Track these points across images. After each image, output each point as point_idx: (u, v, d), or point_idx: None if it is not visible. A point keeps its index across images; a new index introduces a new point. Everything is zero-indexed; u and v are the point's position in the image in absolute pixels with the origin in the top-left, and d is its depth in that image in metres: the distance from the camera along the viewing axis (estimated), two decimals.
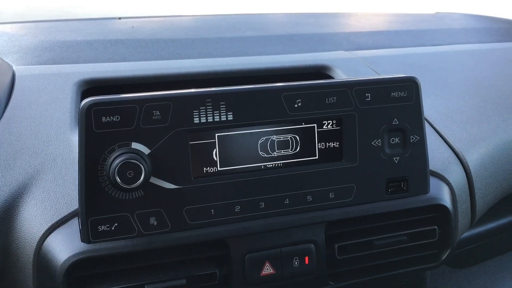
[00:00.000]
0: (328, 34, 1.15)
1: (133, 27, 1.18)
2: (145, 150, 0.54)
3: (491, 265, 0.92)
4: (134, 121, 0.54)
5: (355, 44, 1.08)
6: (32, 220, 0.57)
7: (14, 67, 0.81)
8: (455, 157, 0.74)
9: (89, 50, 0.93)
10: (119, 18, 1.37)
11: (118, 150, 0.53)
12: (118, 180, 0.52)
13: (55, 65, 0.84)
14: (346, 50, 1.03)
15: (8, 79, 0.76)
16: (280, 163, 0.60)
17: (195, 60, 0.90)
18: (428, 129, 0.78)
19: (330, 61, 0.93)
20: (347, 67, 0.92)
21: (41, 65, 0.84)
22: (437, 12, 1.80)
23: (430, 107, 0.83)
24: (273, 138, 0.60)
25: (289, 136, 0.60)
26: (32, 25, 1.18)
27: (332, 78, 0.90)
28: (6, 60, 0.86)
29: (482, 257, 0.95)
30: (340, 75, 0.89)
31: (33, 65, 0.85)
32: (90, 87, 0.79)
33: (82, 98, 0.77)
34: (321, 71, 0.92)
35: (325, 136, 0.61)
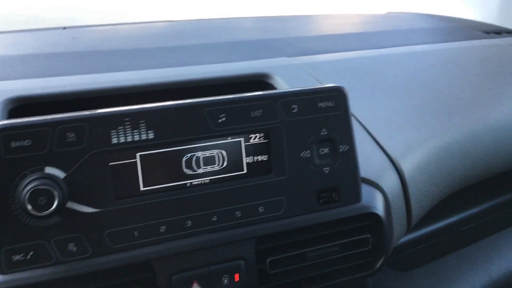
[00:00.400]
0: (272, 40, 1.14)
1: (74, 38, 1.15)
2: (60, 174, 0.52)
3: (436, 266, 0.93)
4: (46, 144, 0.52)
5: (299, 50, 1.08)
6: None
7: None
8: (390, 163, 0.74)
9: (21, 66, 0.90)
10: (64, 28, 1.34)
11: (30, 176, 0.51)
12: (30, 207, 0.50)
13: None
14: (289, 56, 1.02)
15: None
16: (206, 179, 0.59)
17: (132, 72, 0.88)
18: (363, 135, 0.78)
19: (270, 68, 0.92)
20: (288, 74, 0.91)
21: None
22: (388, 12, 1.82)
23: (368, 113, 0.84)
24: (198, 155, 0.58)
25: (215, 151, 0.59)
26: None
27: (273, 86, 0.90)
28: None
29: (427, 259, 0.95)
30: (280, 83, 0.89)
31: None
32: (18, 105, 0.77)
33: (10, 117, 0.74)
34: (261, 79, 0.91)
35: (252, 149, 0.61)
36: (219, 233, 0.59)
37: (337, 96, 0.63)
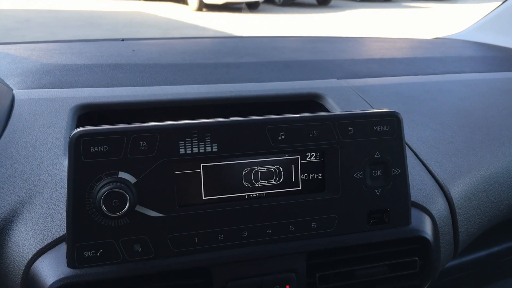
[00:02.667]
0: (323, 61, 1.17)
1: (133, 50, 1.21)
2: (131, 179, 0.56)
3: None
4: (121, 151, 0.56)
5: (348, 72, 1.10)
6: (21, 244, 0.59)
7: (14, 91, 0.84)
8: (439, 188, 0.76)
9: (88, 74, 0.96)
10: (122, 40, 1.41)
11: (105, 179, 0.55)
12: (104, 208, 0.54)
13: (54, 89, 0.87)
14: (338, 78, 1.05)
15: (7, 103, 0.79)
16: (263, 193, 0.62)
17: (190, 86, 0.92)
18: (413, 160, 0.79)
19: (322, 89, 0.95)
20: (338, 96, 0.94)
21: (40, 89, 0.87)
22: (436, 38, 1.82)
23: (417, 138, 0.85)
24: (257, 169, 0.62)
25: (272, 167, 0.62)
26: (36, 46, 1.21)
27: (324, 106, 0.92)
28: (7, 83, 0.89)
29: (470, 286, 0.95)
30: (331, 104, 0.91)
31: (33, 88, 0.88)
32: (86, 112, 0.82)
33: (78, 123, 0.80)
34: (313, 99, 0.94)
35: (308, 167, 0.63)
36: (273, 245, 0.62)
37: (392, 121, 0.65)
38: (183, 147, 0.58)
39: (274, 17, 11.73)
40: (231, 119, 0.60)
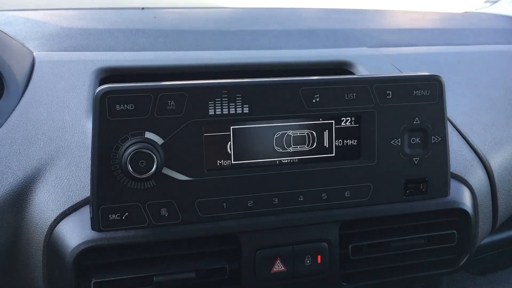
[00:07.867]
0: (352, 30, 1.12)
1: (155, 17, 1.17)
2: (159, 140, 0.54)
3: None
4: (148, 110, 0.53)
5: (378, 41, 1.06)
6: (44, 205, 0.57)
7: (34, 53, 0.81)
8: (478, 159, 0.72)
9: (109, 39, 0.93)
10: (142, 8, 1.37)
11: (131, 139, 0.53)
12: (130, 169, 0.51)
13: (75, 52, 0.84)
14: (369, 46, 1.01)
15: (28, 64, 0.77)
16: (295, 159, 0.59)
17: (215, 52, 0.89)
18: (450, 130, 0.75)
19: (352, 57, 0.91)
20: (370, 64, 0.89)
21: (61, 52, 0.84)
22: (466, 12, 1.75)
23: (454, 108, 0.81)
24: (289, 133, 0.58)
25: (305, 131, 0.59)
26: (55, 13, 1.18)
27: (354, 74, 0.88)
28: (27, 46, 0.86)
29: (503, 265, 0.92)
30: (362, 72, 0.87)
31: (54, 51, 0.85)
32: (108, 75, 0.79)
33: None
34: (342, 67, 0.90)
35: (343, 133, 0.60)
36: (304, 213, 0.59)
37: (433, 85, 0.61)
38: (213, 107, 0.55)
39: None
40: (264, 79, 0.57)
